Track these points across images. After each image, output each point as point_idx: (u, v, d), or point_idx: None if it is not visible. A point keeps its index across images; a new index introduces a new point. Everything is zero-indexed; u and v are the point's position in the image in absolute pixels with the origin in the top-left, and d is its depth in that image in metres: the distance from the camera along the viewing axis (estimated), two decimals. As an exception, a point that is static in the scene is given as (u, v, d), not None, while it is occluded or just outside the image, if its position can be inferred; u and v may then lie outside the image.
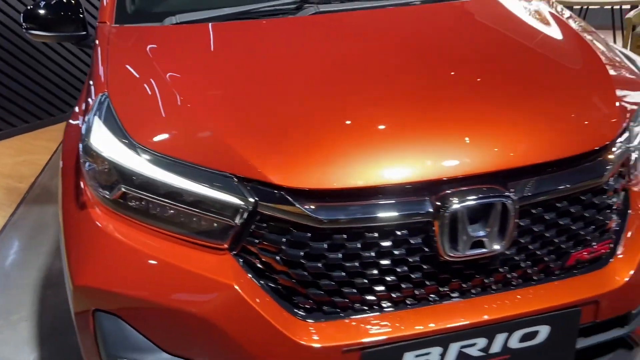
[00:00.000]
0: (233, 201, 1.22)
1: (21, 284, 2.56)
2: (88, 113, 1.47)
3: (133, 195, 1.28)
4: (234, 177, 1.23)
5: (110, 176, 1.31)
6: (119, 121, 1.36)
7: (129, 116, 1.38)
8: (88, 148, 1.35)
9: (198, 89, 1.46)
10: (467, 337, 1.24)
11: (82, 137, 1.39)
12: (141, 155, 1.28)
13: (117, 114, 1.38)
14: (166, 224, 1.27)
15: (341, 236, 1.21)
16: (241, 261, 1.25)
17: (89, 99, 1.54)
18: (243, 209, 1.21)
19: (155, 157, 1.27)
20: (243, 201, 1.21)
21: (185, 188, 1.24)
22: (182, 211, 1.25)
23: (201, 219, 1.25)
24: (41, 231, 3.04)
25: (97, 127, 1.37)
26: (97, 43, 1.79)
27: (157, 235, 1.28)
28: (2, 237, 2.98)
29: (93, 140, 1.35)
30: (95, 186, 1.34)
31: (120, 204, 1.30)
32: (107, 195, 1.31)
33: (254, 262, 1.25)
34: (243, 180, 1.22)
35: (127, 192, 1.28)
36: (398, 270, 1.23)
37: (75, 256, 1.34)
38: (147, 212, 1.28)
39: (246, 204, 1.21)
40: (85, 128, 1.41)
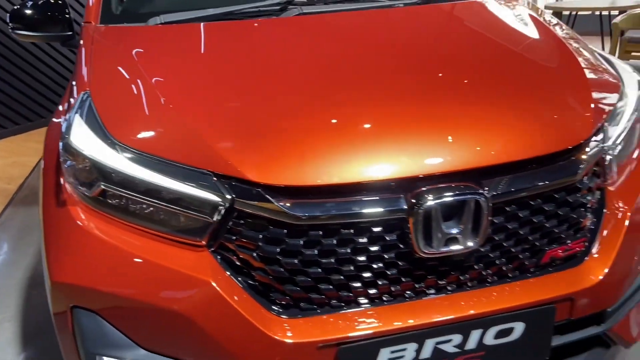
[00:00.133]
0: (210, 198, 1.23)
1: (7, 284, 2.56)
2: (70, 111, 1.48)
3: (112, 192, 1.29)
4: (212, 174, 1.24)
5: (89, 174, 1.32)
6: (99, 119, 1.37)
7: (110, 114, 1.39)
8: (68, 145, 1.36)
9: (179, 88, 1.47)
10: (443, 334, 1.25)
11: (63, 135, 1.40)
12: (120, 152, 1.29)
13: (98, 112, 1.39)
14: (144, 221, 1.28)
15: (317, 233, 1.22)
16: (219, 258, 1.26)
17: (71, 98, 1.55)
18: (220, 206, 1.22)
19: (134, 155, 1.28)
20: (220, 198, 1.22)
21: (163, 185, 1.25)
22: (160, 208, 1.26)
23: (179, 216, 1.26)
24: (29, 232, 3.05)
25: (78, 125, 1.38)
26: (82, 43, 1.80)
27: (136, 232, 1.29)
28: (-10, 238, 2.98)
29: (73, 137, 1.36)
30: (74, 183, 1.34)
31: (99, 202, 1.31)
32: (87, 192, 1.32)
33: (232, 259, 1.26)
34: (221, 177, 1.23)
35: (106, 190, 1.29)
36: (374, 266, 1.24)
37: (53, 253, 1.35)
38: (126, 210, 1.29)
39: (223, 201, 1.22)
40: (65, 126, 1.42)
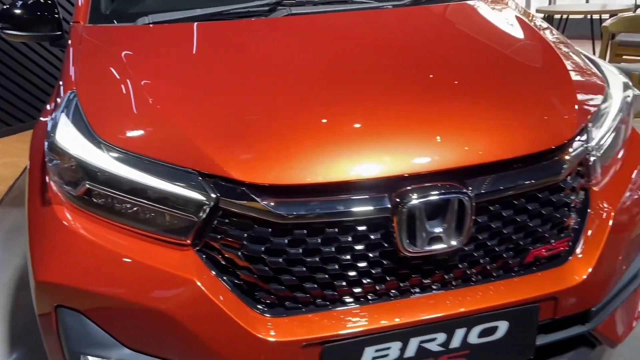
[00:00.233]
0: (195, 197, 1.23)
1: (-4, 285, 2.54)
2: (56, 111, 1.48)
3: (97, 191, 1.29)
4: (197, 174, 1.24)
5: (75, 173, 1.31)
6: (85, 118, 1.37)
7: (96, 113, 1.39)
8: (53, 145, 1.35)
9: (165, 88, 1.47)
10: (427, 332, 1.25)
11: (48, 134, 1.39)
12: (105, 151, 1.29)
13: (84, 111, 1.39)
14: (129, 220, 1.28)
15: (302, 232, 1.22)
16: (204, 257, 1.26)
17: (58, 98, 1.55)
18: (205, 205, 1.22)
19: (119, 154, 1.28)
20: (205, 197, 1.22)
21: (148, 184, 1.25)
22: (145, 207, 1.26)
23: (164, 215, 1.26)
24: (19, 233, 3.02)
25: (63, 124, 1.38)
26: (70, 43, 1.80)
27: (121, 231, 1.29)
28: (-21, 239, 2.96)
29: (59, 136, 1.35)
30: (59, 182, 1.34)
31: (84, 201, 1.31)
32: (72, 191, 1.32)
33: (217, 258, 1.26)
34: (205, 176, 1.23)
35: (92, 189, 1.29)
36: (359, 265, 1.25)
37: (38, 252, 1.35)
38: (111, 209, 1.29)
39: (208, 200, 1.22)
40: (51, 125, 1.42)
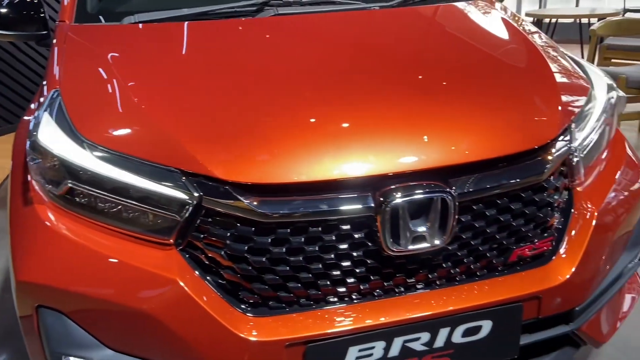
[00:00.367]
0: (178, 196, 1.22)
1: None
2: (39, 109, 1.47)
3: (80, 191, 1.28)
4: (180, 172, 1.23)
5: (57, 172, 1.30)
6: (68, 116, 1.36)
7: (79, 112, 1.38)
8: (35, 143, 1.34)
9: (149, 87, 1.46)
10: (411, 332, 1.25)
11: (30, 133, 1.38)
12: (88, 150, 1.28)
13: (67, 110, 1.38)
14: (112, 220, 1.27)
15: (285, 231, 1.22)
16: (187, 256, 1.25)
17: (41, 97, 1.54)
18: (188, 204, 1.22)
19: (102, 153, 1.27)
20: (188, 196, 1.22)
21: (130, 183, 1.24)
22: (128, 206, 1.25)
23: (146, 214, 1.25)
24: (4, 235, 2.99)
25: (46, 123, 1.37)
26: (55, 42, 1.78)
27: (103, 230, 1.28)
28: (-37, 240, 2.92)
29: (41, 135, 1.34)
30: (41, 182, 1.33)
31: (66, 200, 1.30)
32: (54, 191, 1.31)
33: (200, 258, 1.25)
34: (188, 175, 1.23)
35: (74, 188, 1.28)
36: (343, 265, 1.25)
37: (19, 252, 1.33)
38: (93, 208, 1.28)
39: (191, 199, 1.21)
40: (33, 123, 1.40)
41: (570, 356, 1.51)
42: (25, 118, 1.67)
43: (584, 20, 6.30)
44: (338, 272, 1.25)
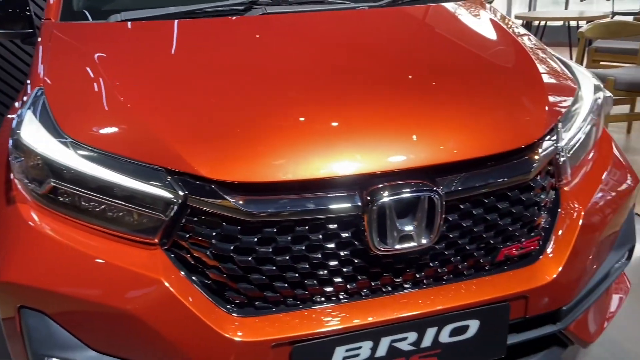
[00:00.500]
0: (163, 195, 1.21)
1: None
2: (23, 107, 1.45)
3: (63, 189, 1.26)
4: (165, 171, 1.22)
5: (40, 170, 1.28)
6: (52, 114, 1.34)
7: (63, 110, 1.36)
8: (18, 141, 1.32)
9: (134, 85, 1.45)
10: (398, 332, 1.25)
11: (13, 131, 1.36)
12: (71, 148, 1.26)
13: (51, 108, 1.36)
14: (95, 219, 1.25)
15: (272, 230, 1.21)
16: (172, 256, 1.24)
17: (25, 95, 1.52)
18: (173, 203, 1.20)
19: (85, 151, 1.26)
20: (173, 195, 1.20)
21: (115, 182, 1.22)
22: (112, 206, 1.24)
23: (131, 214, 1.24)
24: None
25: (29, 121, 1.35)
26: (40, 40, 1.76)
27: (86, 230, 1.26)
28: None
29: (23, 133, 1.32)
30: (24, 181, 1.31)
31: (49, 199, 1.28)
32: (37, 190, 1.29)
33: (185, 257, 1.24)
34: (173, 173, 1.22)
35: (57, 187, 1.26)
36: (329, 264, 1.24)
37: (1, 252, 1.31)
38: (77, 207, 1.26)
39: (176, 198, 1.20)
40: (16, 122, 1.38)
41: (557, 356, 1.51)
42: (8, 116, 1.64)
43: (573, 23, 6.35)
44: (325, 272, 1.24)
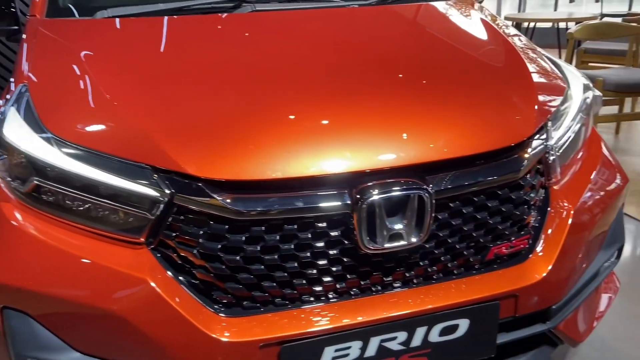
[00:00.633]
0: (149, 193, 1.19)
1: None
2: (6, 105, 1.42)
3: (47, 188, 1.24)
4: (151, 169, 1.20)
5: (23, 168, 1.26)
6: (35, 111, 1.32)
7: (47, 107, 1.34)
8: (1, 139, 1.30)
9: (120, 82, 1.43)
10: (388, 331, 1.24)
11: (-4, 128, 1.34)
12: (55, 146, 1.24)
13: (34, 105, 1.34)
14: (80, 218, 1.23)
15: (260, 228, 1.19)
16: (158, 256, 1.22)
17: (9, 93, 1.50)
18: (159, 202, 1.19)
19: (70, 149, 1.24)
20: (159, 193, 1.18)
21: (99, 180, 1.20)
22: (97, 204, 1.22)
23: (116, 212, 1.22)
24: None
25: (12, 118, 1.33)
26: (24, 37, 1.74)
27: (71, 229, 1.24)
28: None
29: (6, 130, 1.30)
30: (7, 179, 1.29)
31: (33, 198, 1.26)
32: (20, 188, 1.26)
33: (172, 257, 1.22)
34: (160, 171, 1.20)
35: (41, 185, 1.24)
36: (319, 263, 1.22)
37: (-17, 251, 1.28)
38: (61, 206, 1.24)
39: (162, 196, 1.18)
40: (-1, 119, 1.36)
41: (547, 355, 1.51)
42: (-8, 114, 1.62)
43: (562, 24, 6.39)
44: (314, 271, 1.23)
